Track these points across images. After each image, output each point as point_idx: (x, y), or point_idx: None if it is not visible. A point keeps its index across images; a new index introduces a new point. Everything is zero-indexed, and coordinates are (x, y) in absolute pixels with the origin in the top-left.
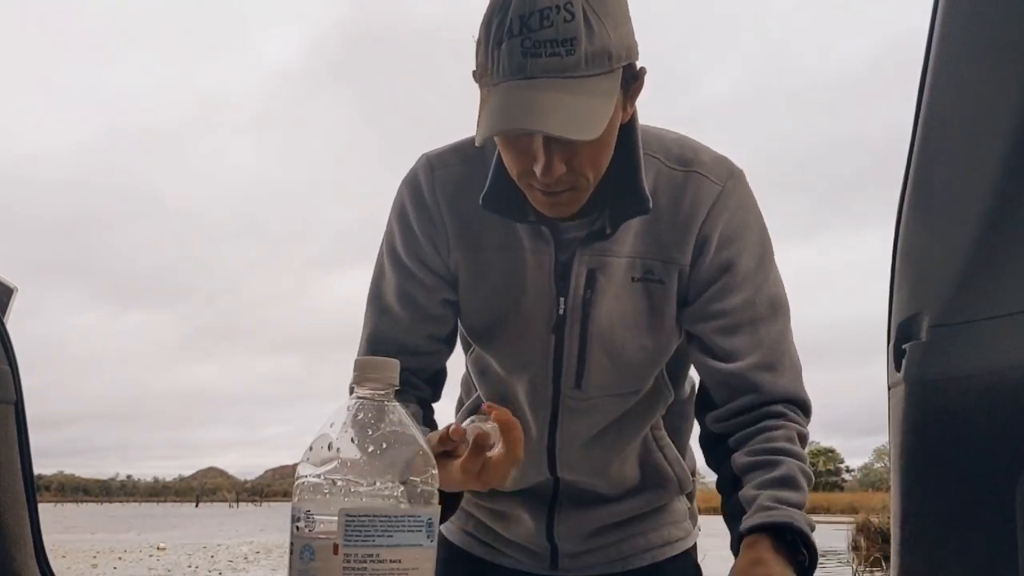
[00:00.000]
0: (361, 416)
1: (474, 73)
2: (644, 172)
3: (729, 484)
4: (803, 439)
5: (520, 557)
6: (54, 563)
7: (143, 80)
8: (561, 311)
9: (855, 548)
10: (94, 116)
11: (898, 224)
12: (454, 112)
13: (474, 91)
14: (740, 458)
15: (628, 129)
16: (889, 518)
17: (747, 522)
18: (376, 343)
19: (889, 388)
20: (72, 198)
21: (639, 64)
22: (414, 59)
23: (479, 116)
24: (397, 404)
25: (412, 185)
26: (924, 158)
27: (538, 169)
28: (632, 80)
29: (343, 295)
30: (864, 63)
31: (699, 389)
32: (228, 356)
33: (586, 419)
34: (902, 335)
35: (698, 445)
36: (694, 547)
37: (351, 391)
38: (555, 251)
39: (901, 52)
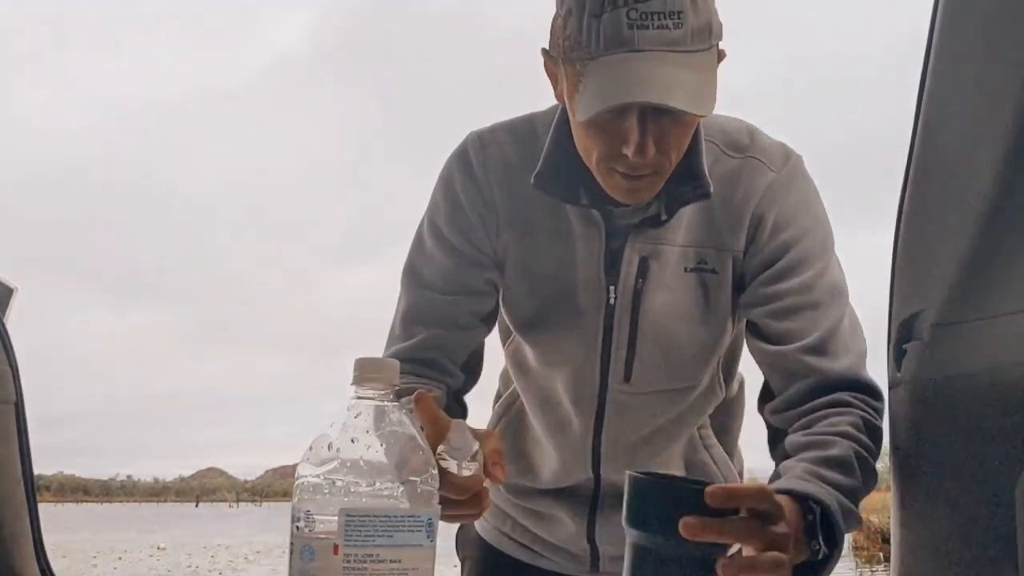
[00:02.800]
0: (361, 416)
1: (553, 47)
2: (704, 157)
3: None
4: (873, 430)
5: (559, 559)
6: (54, 563)
7: (146, 71)
8: (611, 300)
9: (856, 548)
10: (97, 108)
11: (898, 224)
12: (467, 100)
13: (487, 79)
14: (796, 438)
15: None
16: (889, 518)
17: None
18: (415, 317)
19: (889, 388)
20: (74, 193)
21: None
22: (426, 45)
23: (575, 91)
24: (397, 404)
25: (462, 159)
26: (924, 158)
27: (630, 150)
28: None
29: (347, 293)
30: (886, 55)
31: (763, 384)
32: (229, 355)
33: (635, 416)
34: (902, 335)
35: (745, 446)
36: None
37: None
38: (605, 237)
39: (923, 46)
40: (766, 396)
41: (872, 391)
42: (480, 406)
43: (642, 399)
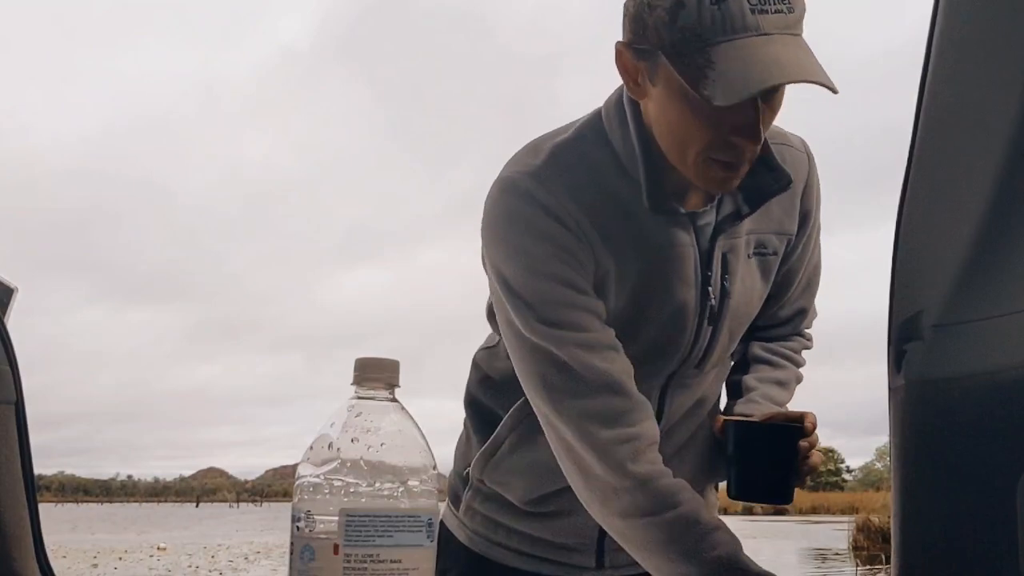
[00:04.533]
0: (361, 416)
1: (643, 40)
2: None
3: (740, 362)
4: (805, 350)
5: (563, 559)
6: (54, 563)
7: (148, 67)
8: (712, 301)
9: (855, 548)
10: (99, 105)
11: (898, 224)
12: (473, 97)
13: (493, 75)
14: (756, 349)
15: None
16: (889, 518)
17: (738, 406)
18: (602, 349)
19: (890, 389)
20: (75, 191)
21: None
22: (431, 40)
23: (702, 78)
24: (398, 404)
25: (529, 200)
26: (924, 158)
27: (749, 135)
28: None
29: (347, 293)
30: (895, 51)
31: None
32: (229, 355)
33: (690, 393)
34: (902, 335)
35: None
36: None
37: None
38: (696, 240)
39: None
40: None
41: (808, 335)
42: (455, 403)
43: (700, 377)
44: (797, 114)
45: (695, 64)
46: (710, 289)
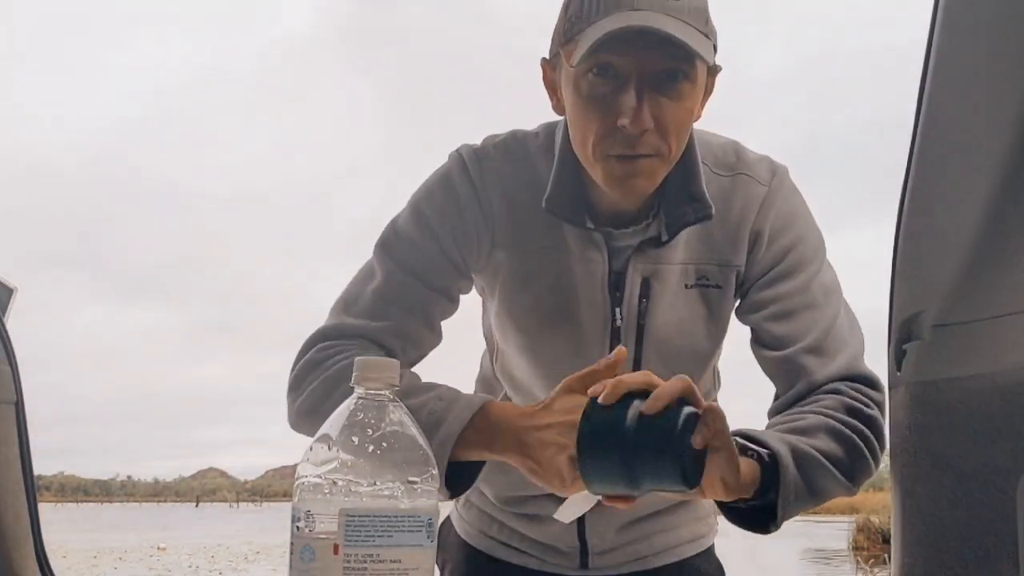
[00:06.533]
0: (361, 416)
1: (554, 45)
2: (703, 179)
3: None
4: (854, 412)
5: (548, 558)
6: (54, 563)
7: (149, 62)
8: (618, 322)
9: (856, 548)
10: (99, 101)
11: (898, 223)
12: (479, 90)
13: (499, 66)
14: (774, 417)
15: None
16: (889, 518)
17: None
18: (392, 297)
19: (890, 388)
20: (75, 189)
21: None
22: (436, 29)
23: (576, 46)
24: (397, 404)
25: (462, 168)
26: (924, 158)
27: (627, 119)
28: (710, 75)
29: None
30: (912, 45)
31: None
32: (230, 354)
33: None
34: (902, 335)
35: None
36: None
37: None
38: (608, 259)
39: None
40: (774, 401)
41: (868, 381)
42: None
43: None
44: (798, 111)
45: (574, 42)
46: (617, 310)
